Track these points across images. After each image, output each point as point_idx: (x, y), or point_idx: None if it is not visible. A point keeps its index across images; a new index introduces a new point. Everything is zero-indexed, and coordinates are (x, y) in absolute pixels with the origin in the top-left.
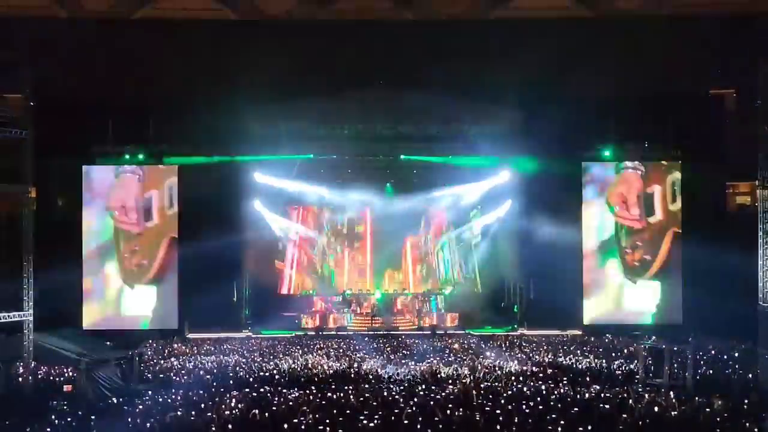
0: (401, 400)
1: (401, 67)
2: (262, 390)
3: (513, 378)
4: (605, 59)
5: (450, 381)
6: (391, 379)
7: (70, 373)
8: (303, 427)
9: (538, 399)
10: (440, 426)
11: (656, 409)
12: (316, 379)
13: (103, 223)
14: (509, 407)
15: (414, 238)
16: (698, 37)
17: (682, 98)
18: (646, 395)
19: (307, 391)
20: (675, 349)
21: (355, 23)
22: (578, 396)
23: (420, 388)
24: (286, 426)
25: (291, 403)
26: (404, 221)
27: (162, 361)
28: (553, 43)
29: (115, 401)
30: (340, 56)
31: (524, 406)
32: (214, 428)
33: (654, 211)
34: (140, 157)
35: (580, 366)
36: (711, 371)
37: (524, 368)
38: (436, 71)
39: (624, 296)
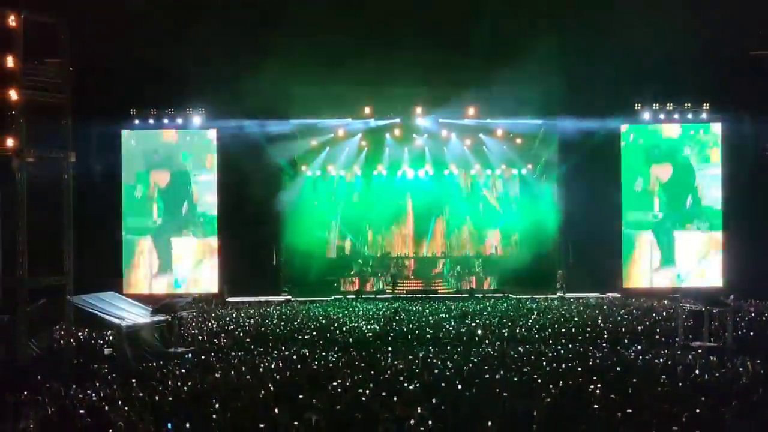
0: (439, 362)
1: (440, 28)
2: (301, 352)
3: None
4: (645, 20)
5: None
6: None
7: (111, 337)
8: (342, 389)
9: (578, 360)
10: (478, 388)
11: (696, 371)
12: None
13: (143, 187)
14: (548, 368)
15: (454, 202)
16: None
17: (723, 59)
18: (686, 357)
19: (348, 353)
20: (714, 310)
21: None
22: (618, 358)
23: (457, 351)
24: (325, 388)
25: (331, 366)
26: (443, 187)
27: (202, 325)
28: (593, 2)
29: (155, 364)
30: (381, 19)
31: (564, 367)
32: (254, 390)
33: (693, 172)
34: (179, 120)
35: (620, 328)
36: (751, 332)
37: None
38: (476, 33)
39: (662, 259)
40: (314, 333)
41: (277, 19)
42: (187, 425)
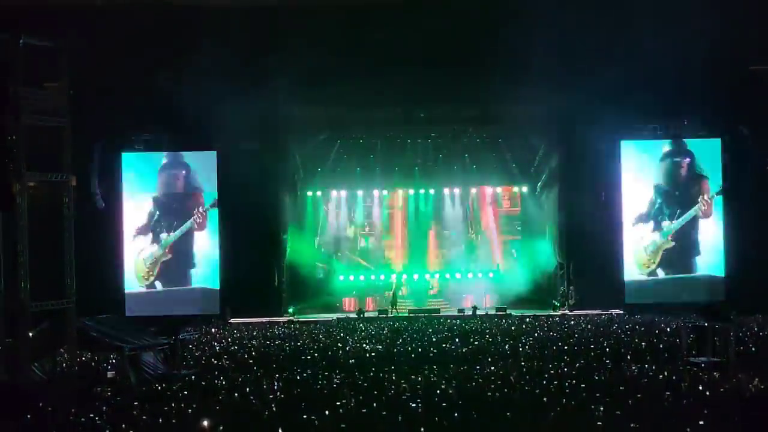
0: (442, 381)
1: (438, 48)
2: (304, 373)
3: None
4: (645, 35)
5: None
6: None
7: (114, 360)
8: (344, 410)
9: (581, 377)
10: (481, 407)
11: (699, 387)
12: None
13: (144, 209)
14: (551, 386)
15: (453, 220)
16: (739, 13)
17: (722, 75)
18: (689, 373)
19: (351, 373)
20: (717, 326)
21: (390, 3)
22: (621, 374)
23: (460, 369)
24: (328, 409)
25: (334, 386)
26: (442, 203)
27: (204, 346)
28: (592, 18)
29: (159, 387)
30: (377, 38)
31: (567, 385)
32: (257, 411)
33: (694, 189)
34: (179, 142)
35: (622, 345)
36: (754, 348)
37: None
38: (475, 50)
39: (665, 275)
40: (316, 354)
41: (272, 42)
42: None
